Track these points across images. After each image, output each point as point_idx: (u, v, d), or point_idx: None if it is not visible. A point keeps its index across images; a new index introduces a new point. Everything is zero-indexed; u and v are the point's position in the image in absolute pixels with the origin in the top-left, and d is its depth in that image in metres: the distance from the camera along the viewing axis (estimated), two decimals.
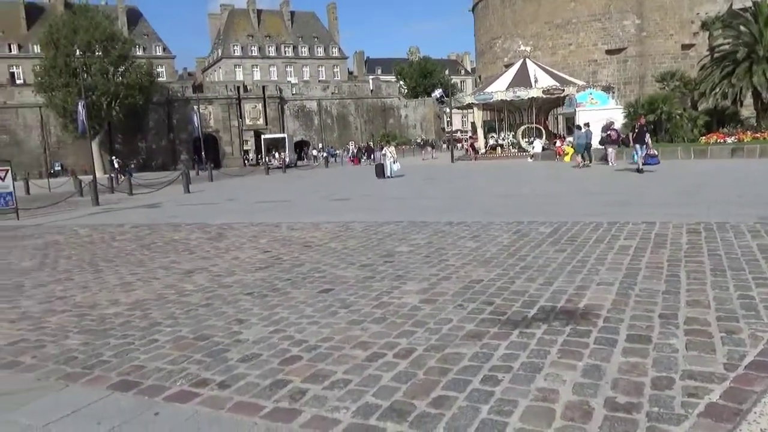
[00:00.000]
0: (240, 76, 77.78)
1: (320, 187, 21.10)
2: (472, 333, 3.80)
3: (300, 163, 52.57)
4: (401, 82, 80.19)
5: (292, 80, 74.58)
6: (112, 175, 29.42)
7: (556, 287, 4.77)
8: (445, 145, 54.35)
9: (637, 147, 16.84)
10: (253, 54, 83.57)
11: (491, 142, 36.12)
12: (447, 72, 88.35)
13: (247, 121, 61.73)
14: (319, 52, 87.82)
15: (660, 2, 44.13)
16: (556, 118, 39.50)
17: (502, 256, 6.12)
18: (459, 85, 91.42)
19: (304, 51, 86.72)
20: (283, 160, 44.05)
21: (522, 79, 33.26)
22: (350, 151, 50.08)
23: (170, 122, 58.75)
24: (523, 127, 34.59)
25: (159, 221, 12.17)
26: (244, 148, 61.23)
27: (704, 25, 36.65)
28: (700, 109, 29.52)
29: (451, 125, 57.46)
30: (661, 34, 44.53)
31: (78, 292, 5.82)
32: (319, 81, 78.10)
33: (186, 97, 59.67)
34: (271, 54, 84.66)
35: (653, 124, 23.99)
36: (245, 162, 58.54)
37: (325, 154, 47.89)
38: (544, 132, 34.24)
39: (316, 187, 20.85)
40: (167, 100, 58.37)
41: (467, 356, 3.40)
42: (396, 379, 3.13)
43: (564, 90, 32.29)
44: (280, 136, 55.16)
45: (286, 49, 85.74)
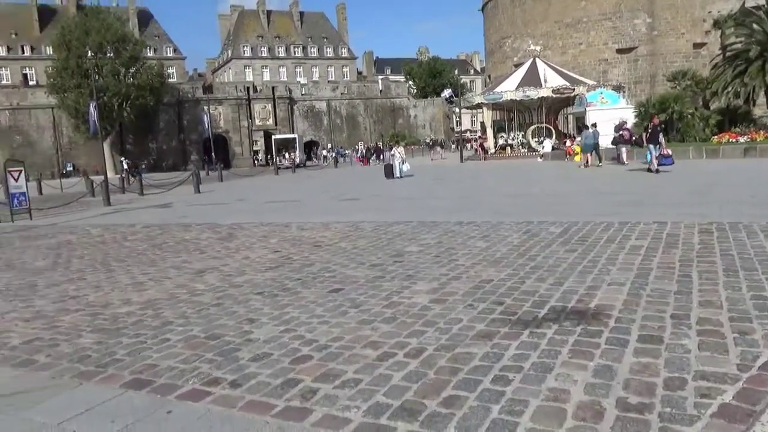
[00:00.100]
0: (250, 76, 78.07)
1: (329, 187, 21.14)
2: (482, 333, 3.79)
3: (309, 163, 52.71)
4: (410, 82, 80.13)
5: (302, 81, 74.74)
6: (123, 176, 29.67)
7: (566, 287, 4.75)
8: (455, 145, 54.27)
9: (650, 147, 16.68)
10: (263, 54, 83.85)
11: (501, 142, 36.02)
12: (456, 72, 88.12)
13: (257, 122, 61.95)
14: (329, 52, 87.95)
15: (671, 1, 43.80)
16: (566, 118, 39.32)
17: (512, 256, 6.11)
18: (468, 85, 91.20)
19: (314, 51, 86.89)
20: (293, 160, 44.20)
21: (532, 78, 33.14)
22: (359, 152, 50.13)
23: (181, 123, 59.11)
24: (532, 127, 34.47)
25: (170, 221, 12.25)
26: (254, 149, 61.48)
27: (716, 24, 36.33)
28: (711, 108, 29.27)
29: (461, 125, 57.35)
30: (673, 33, 44.19)
31: (91, 292, 5.88)
32: (329, 81, 78.23)
33: (196, 97, 60.02)
34: (280, 54, 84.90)
35: (664, 124, 23.79)
36: (255, 162, 58.80)
37: (335, 155, 48.00)
38: (554, 132, 34.09)
39: (325, 187, 20.89)
40: (178, 100, 58.74)
41: (478, 356, 3.40)
42: (407, 379, 3.14)
43: (574, 89, 32.14)
44: (291, 136, 55.38)
45: (296, 49, 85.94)
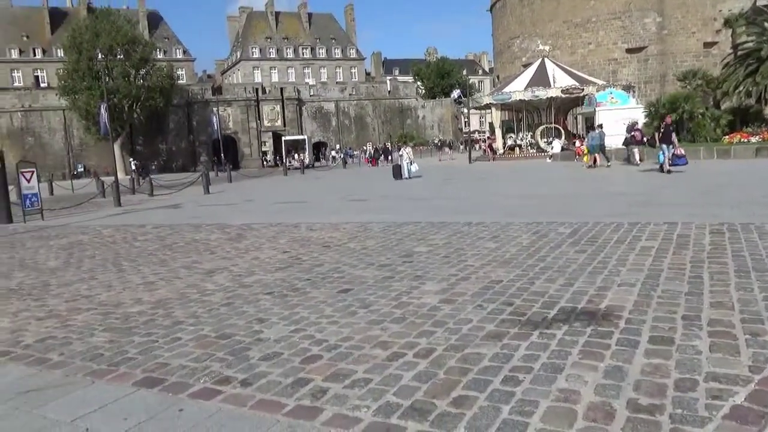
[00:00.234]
0: (258, 78, 78.38)
1: (338, 187, 21.19)
2: (492, 333, 3.79)
3: (317, 164, 52.84)
4: (419, 83, 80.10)
5: (310, 82, 74.92)
6: (133, 176, 29.88)
7: (576, 288, 4.74)
8: (463, 146, 54.18)
9: (663, 147, 16.55)
10: (272, 56, 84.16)
11: (509, 143, 35.93)
12: (465, 72, 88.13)
13: (266, 123, 62.17)
14: (337, 53, 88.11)
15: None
16: (576, 118, 39.15)
17: (522, 257, 6.10)
18: (477, 86, 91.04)
19: (322, 52, 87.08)
20: (302, 161, 44.33)
21: (540, 78, 33.05)
22: (367, 152, 50.17)
23: (190, 124, 59.44)
24: (541, 127, 34.36)
25: (180, 222, 12.32)
26: (263, 150, 61.71)
27: (727, 23, 36.07)
28: (723, 108, 29.06)
29: (469, 126, 57.26)
30: (683, 32, 43.87)
31: (102, 291, 5.93)
32: (337, 82, 78.35)
33: (205, 99, 60.33)
34: (289, 56, 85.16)
35: (675, 124, 23.66)
36: (264, 163, 59.03)
37: (343, 155, 48.08)
38: (563, 132, 33.97)
39: (334, 188, 20.94)
40: (187, 102, 59.08)
41: (487, 356, 3.40)
42: (416, 379, 3.15)
43: (583, 89, 32.01)
44: (301, 137, 55.58)
45: (304, 50, 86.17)
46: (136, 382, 3.40)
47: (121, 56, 50.30)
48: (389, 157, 41.53)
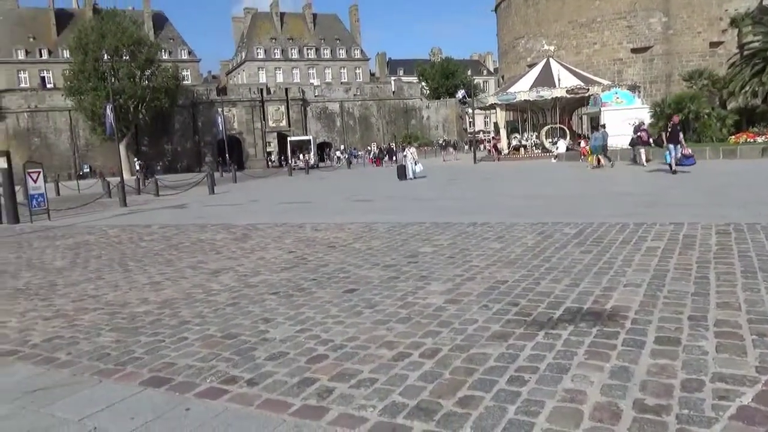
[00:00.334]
0: (263, 78, 78.52)
1: (343, 188, 21.21)
2: (497, 333, 3.80)
3: (321, 164, 52.90)
4: (423, 83, 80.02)
5: (315, 82, 75.09)
6: (138, 177, 30.01)
7: (582, 288, 4.73)
8: (468, 146, 54.14)
9: (670, 147, 16.46)
10: (276, 56, 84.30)
11: (514, 143, 35.88)
12: (469, 72, 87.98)
13: (270, 123, 62.29)
14: (341, 53, 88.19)
15: None
16: (581, 118, 39.07)
17: (527, 257, 6.09)
18: (482, 86, 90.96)
19: (327, 53, 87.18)
20: (307, 161, 44.42)
21: (545, 78, 32.99)
22: (372, 153, 50.19)
23: (195, 125, 59.60)
24: (546, 128, 34.28)
25: (185, 222, 12.37)
26: (267, 150, 61.82)
27: (733, 22, 35.85)
28: (729, 108, 28.92)
29: (474, 126, 57.23)
30: (689, 32, 43.69)
31: (109, 291, 5.96)
32: (342, 83, 78.46)
33: (210, 99, 60.47)
34: (293, 56, 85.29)
35: (681, 124, 23.56)
36: (268, 163, 59.15)
37: (347, 156, 48.12)
38: (568, 132, 33.89)
39: (338, 188, 20.96)
40: (192, 102, 59.26)
41: (493, 357, 3.40)
42: (422, 379, 3.15)
43: (588, 90, 31.94)
44: (306, 138, 55.70)
45: (309, 51, 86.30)
46: (142, 381, 3.42)
47: (127, 57, 50.54)
48: (393, 158, 41.57)
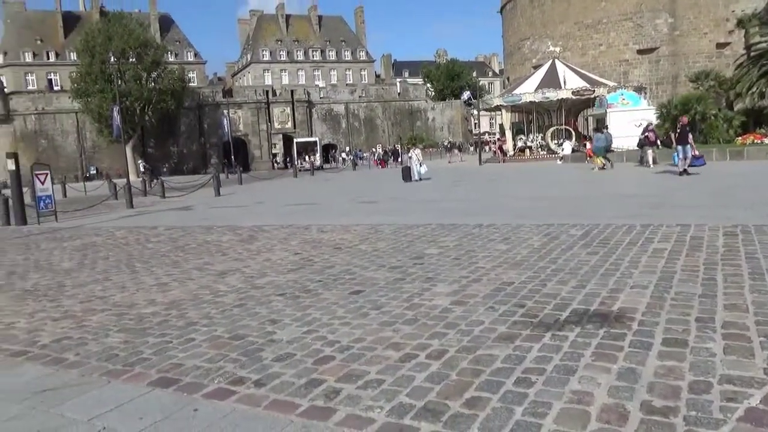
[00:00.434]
0: (269, 80, 78.73)
1: (348, 189, 21.23)
2: (504, 335, 3.80)
3: (326, 166, 52.96)
4: (428, 85, 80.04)
5: (320, 84, 75.14)
6: (145, 179, 30.13)
7: (588, 290, 4.73)
8: (473, 148, 54.07)
9: (679, 148, 16.38)
10: (282, 58, 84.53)
11: (520, 145, 35.82)
12: (475, 74, 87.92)
13: (276, 125, 62.43)
14: (347, 55, 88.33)
15: (694, 0, 43.14)
16: (586, 120, 38.96)
17: (533, 259, 6.09)
18: (487, 87, 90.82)
19: (332, 55, 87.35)
20: (312, 163, 44.50)
21: (551, 80, 32.91)
22: (376, 154, 50.21)
23: (201, 126, 59.79)
24: (552, 129, 34.21)
25: (191, 223, 12.41)
26: (273, 152, 61.95)
27: (740, 23, 35.74)
28: (735, 109, 28.81)
29: (479, 127, 57.14)
30: (695, 33, 43.51)
31: (116, 292, 5.99)
32: (347, 84, 78.51)
33: (216, 101, 60.67)
34: (299, 58, 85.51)
35: (689, 125, 23.48)
36: (274, 165, 59.28)
37: (353, 157, 48.16)
38: (574, 134, 33.80)
39: (343, 190, 20.99)
40: (198, 104, 59.46)
41: (500, 358, 3.40)
42: (429, 380, 3.16)
43: (594, 91, 31.86)
44: (312, 139, 55.81)
45: (314, 53, 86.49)
46: (151, 382, 3.44)
47: (133, 59, 50.77)
48: (398, 159, 41.58)
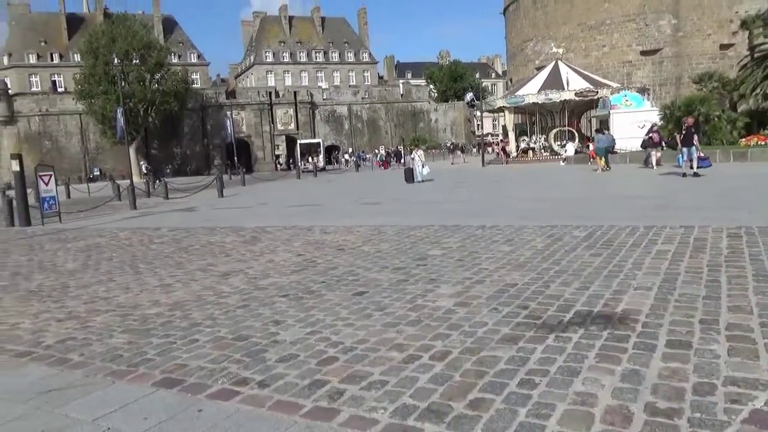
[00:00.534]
0: (272, 81, 78.89)
1: (351, 191, 21.24)
2: (507, 336, 3.80)
3: (329, 167, 53.01)
4: (431, 86, 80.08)
5: (323, 85, 75.32)
6: (148, 180, 30.23)
7: (592, 291, 4.72)
8: (476, 149, 54.06)
9: (684, 150, 16.31)
10: (285, 60, 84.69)
11: (523, 146, 35.81)
12: (478, 75, 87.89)
13: (279, 126, 62.51)
14: (350, 57, 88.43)
15: (697, 1, 43.06)
16: (590, 121, 38.91)
17: (537, 260, 6.08)
18: (490, 89, 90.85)
19: (335, 56, 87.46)
20: (315, 164, 44.55)
21: (554, 81, 32.90)
22: (379, 155, 50.23)
23: (204, 128, 59.92)
24: (555, 130, 34.19)
25: (195, 225, 12.43)
26: (276, 153, 62.04)
27: (744, 24, 35.58)
28: (739, 110, 28.74)
29: (482, 129, 57.14)
30: (699, 34, 43.45)
31: (120, 293, 6.01)
32: (350, 86, 78.63)
33: (219, 103, 60.79)
34: (302, 60, 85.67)
35: (695, 126, 23.41)
36: (277, 166, 59.35)
37: (355, 159, 48.20)
38: (577, 135, 33.77)
39: (346, 191, 21.00)
40: (201, 106, 59.59)
41: (503, 359, 3.40)
42: (432, 381, 3.16)
43: (597, 92, 31.82)
44: (315, 141, 55.85)
45: (317, 54, 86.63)
46: (155, 382, 3.45)
47: (137, 61, 50.93)
48: (401, 161, 41.60)
